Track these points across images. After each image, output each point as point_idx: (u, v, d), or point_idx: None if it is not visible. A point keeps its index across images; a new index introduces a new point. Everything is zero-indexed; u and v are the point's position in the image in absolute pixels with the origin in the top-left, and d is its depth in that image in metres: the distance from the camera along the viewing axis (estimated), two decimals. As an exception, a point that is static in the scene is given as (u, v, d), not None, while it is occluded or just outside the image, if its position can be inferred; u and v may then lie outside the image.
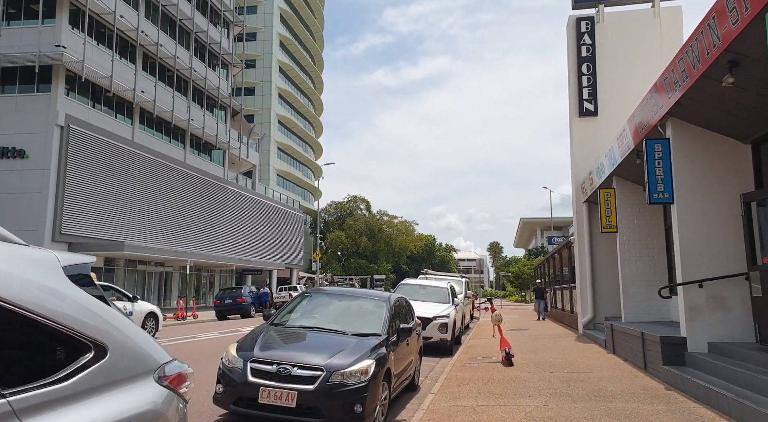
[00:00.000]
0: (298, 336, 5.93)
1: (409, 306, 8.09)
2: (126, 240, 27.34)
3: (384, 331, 6.15)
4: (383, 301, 6.76)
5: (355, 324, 6.32)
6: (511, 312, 31.08)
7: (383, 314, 6.46)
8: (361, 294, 7.16)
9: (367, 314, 6.63)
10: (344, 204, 69.56)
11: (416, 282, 14.45)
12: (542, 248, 64.51)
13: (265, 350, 5.33)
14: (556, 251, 22.08)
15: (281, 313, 6.58)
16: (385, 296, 6.94)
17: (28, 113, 25.39)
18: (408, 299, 13.28)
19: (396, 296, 7.21)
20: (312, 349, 5.45)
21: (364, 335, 5.96)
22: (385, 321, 6.31)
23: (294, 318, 6.52)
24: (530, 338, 14.57)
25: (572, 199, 15.95)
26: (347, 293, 7.25)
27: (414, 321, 8.07)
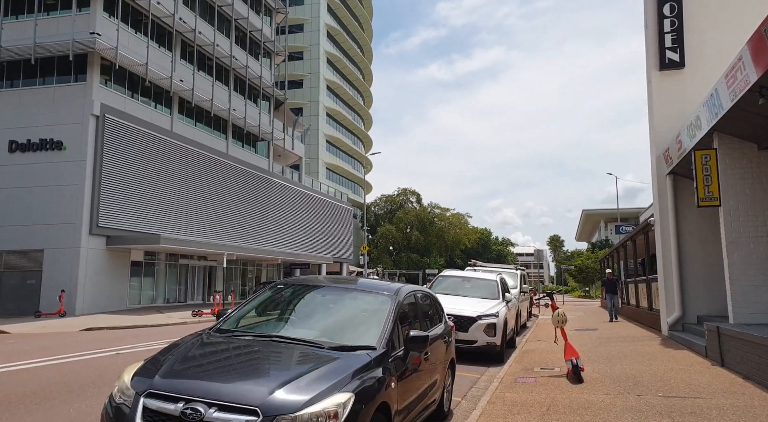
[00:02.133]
0: (241, 352, 3.86)
1: (434, 304, 5.88)
2: (162, 233, 26.48)
3: (382, 343, 3.99)
4: (388, 297, 4.59)
5: (340, 332, 4.22)
6: (575, 309, 27.97)
7: (385, 316, 4.29)
8: (358, 286, 4.97)
9: (362, 316, 4.52)
10: (394, 197, 67.59)
11: (459, 274, 12.12)
12: (607, 240, 59.99)
13: (173, 376, 3.29)
14: (628, 239, 19.00)
15: (235, 313, 4.54)
16: (393, 289, 4.75)
17: (64, 103, 24.95)
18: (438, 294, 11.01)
19: (409, 290, 5.01)
20: (252, 375, 3.36)
21: (350, 348, 3.82)
22: (385, 328, 4.15)
23: (251, 321, 4.48)
24: (601, 341, 11.92)
25: (651, 172, 13.09)
26: (338, 284, 5.05)
27: (443, 325, 5.86)
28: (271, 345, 3.82)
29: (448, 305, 9.89)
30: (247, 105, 36.91)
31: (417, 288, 5.40)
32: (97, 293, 24.25)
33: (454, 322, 9.53)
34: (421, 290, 5.61)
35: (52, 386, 6.85)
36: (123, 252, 26.09)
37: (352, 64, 73.65)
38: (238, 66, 36.13)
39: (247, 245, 33.89)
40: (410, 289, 5.10)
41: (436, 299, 6.03)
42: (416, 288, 5.35)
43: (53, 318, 21.39)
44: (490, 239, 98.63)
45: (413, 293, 5.14)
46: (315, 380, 3.26)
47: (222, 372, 3.34)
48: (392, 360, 3.98)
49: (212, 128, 34.81)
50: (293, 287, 5.02)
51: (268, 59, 41.89)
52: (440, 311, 6.05)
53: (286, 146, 43.21)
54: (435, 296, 6.01)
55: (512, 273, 16.03)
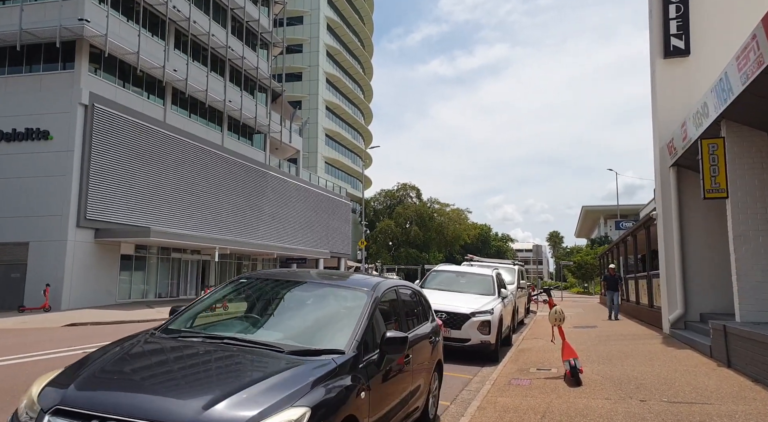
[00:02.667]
0: (183, 357, 3.30)
1: (420, 300, 5.36)
2: (153, 226, 25.94)
3: (352, 345, 3.47)
4: (364, 293, 4.07)
5: (306, 333, 3.72)
6: (574, 305, 27.52)
7: (358, 315, 3.78)
8: (332, 281, 4.40)
9: (333, 314, 4.01)
10: (394, 192, 67.06)
11: (453, 269, 11.59)
12: (606, 237, 59.54)
13: (90, 387, 2.73)
14: (629, 234, 18.49)
15: (189, 310, 4.02)
16: (370, 284, 4.23)
17: (51, 92, 24.35)
18: (431, 290, 10.50)
19: (389, 286, 4.50)
20: (188, 386, 2.81)
21: (314, 353, 3.31)
22: (358, 328, 3.64)
23: (207, 321, 3.97)
24: (600, 339, 11.44)
25: (654, 164, 12.56)
26: (309, 278, 4.48)
27: (430, 323, 5.36)
28: (221, 349, 3.30)
29: (441, 301, 9.41)
30: (243, 97, 36.29)
31: (399, 283, 4.87)
32: (84, 287, 23.74)
33: (446, 319, 9.05)
34: (405, 285, 5.09)
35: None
36: (112, 246, 25.57)
37: (353, 57, 72.89)
38: (234, 57, 35.50)
39: (241, 239, 33.38)
40: (390, 284, 4.58)
41: (423, 295, 5.52)
42: (398, 283, 4.83)
43: (38, 312, 20.91)
44: (489, 235, 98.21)
45: (394, 288, 4.61)
46: (265, 391, 2.75)
47: (152, 383, 2.80)
48: (364, 365, 3.47)
49: (207, 119, 34.21)
50: (259, 281, 4.50)
51: (266, 51, 41.22)
52: (427, 308, 5.55)
53: (284, 139, 42.62)
54: (421, 292, 5.50)
55: (509, 268, 15.52)
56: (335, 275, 4.77)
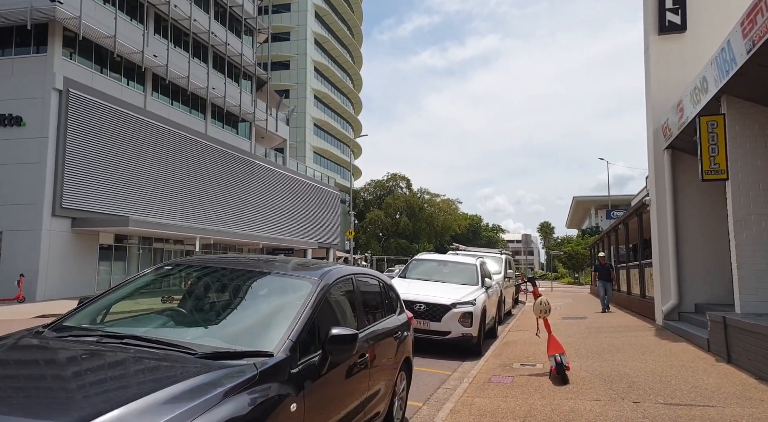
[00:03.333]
0: (64, 363, 2.59)
1: (385, 291, 4.70)
2: (131, 215, 25.11)
3: (284, 346, 2.80)
4: (309, 282, 3.39)
5: (232, 331, 3.04)
6: (564, 295, 27.09)
7: (297, 309, 3.11)
8: (274, 268, 3.69)
9: (268, 308, 3.32)
10: (384, 182, 66.30)
11: (435, 258, 10.92)
12: (597, 227, 59.34)
13: None
14: (620, 222, 17.95)
15: (96, 303, 3.34)
16: (319, 272, 3.54)
17: (24, 76, 23.35)
18: (412, 280, 9.87)
19: (343, 274, 3.82)
20: (53, 401, 2.10)
21: (232, 355, 2.64)
22: (294, 325, 2.96)
23: (117, 317, 3.30)
24: (590, 331, 10.88)
25: (648, 147, 11.96)
26: (248, 266, 3.71)
27: (397, 316, 4.71)
28: (113, 352, 2.62)
29: (420, 291, 8.79)
30: (227, 84, 35.34)
31: (357, 271, 4.19)
32: (61, 278, 22.92)
33: (425, 310, 8.44)
34: (366, 274, 4.41)
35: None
36: (90, 235, 24.72)
37: (341, 46, 71.75)
38: (218, 43, 34.49)
39: (225, 229, 32.60)
40: (345, 272, 3.89)
41: (389, 284, 4.86)
42: (355, 271, 4.15)
43: (11, 303, 20.11)
44: (480, 226, 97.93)
45: (350, 277, 3.93)
46: (152, 408, 2.08)
47: (5, 399, 2.13)
48: (300, 370, 2.81)
49: (190, 107, 33.27)
50: (188, 268, 3.82)
51: (250, 37, 40.19)
52: (394, 299, 4.89)
53: (270, 128, 41.72)
54: (387, 282, 4.83)
55: (496, 258, 14.91)
56: (282, 262, 4.10)
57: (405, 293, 8.78)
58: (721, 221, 10.39)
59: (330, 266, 3.92)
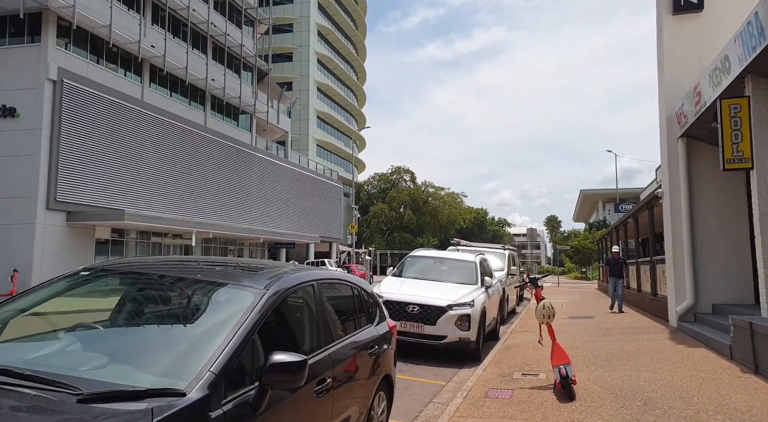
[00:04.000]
0: None
1: (360, 297, 4.04)
2: (127, 208, 24.60)
3: (203, 381, 2.12)
4: (251, 292, 2.71)
5: (134, 361, 2.35)
6: (571, 292, 26.37)
7: (229, 329, 2.45)
8: (211, 274, 3.05)
9: (192, 328, 2.63)
10: (387, 176, 65.60)
11: (431, 254, 10.21)
12: (604, 221, 58.42)
13: None
14: (629, 216, 17.19)
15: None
16: (266, 279, 2.84)
17: (18, 66, 22.83)
18: (406, 279, 9.24)
19: (301, 280, 3.12)
20: None
21: (129, 396, 2.00)
22: (220, 352, 2.28)
23: (12, 334, 2.68)
24: (599, 333, 10.20)
25: (660, 136, 11.21)
26: (181, 271, 3.07)
27: (375, 327, 4.06)
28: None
29: (413, 292, 8.14)
30: (226, 75, 34.69)
31: (322, 276, 3.49)
32: (55, 272, 22.20)
33: (419, 313, 7.79)
34: (334, 278, 3.75)
35: None
36: (86, 229, 24.25)
37: (345, 37, 70.82)
38: (217, 33, 33.83)
39: (224, 223, 32.07)
40: (304, 278, 3.20)
41: (366, 290, 4.20)
42: (319, 276, 3.46)
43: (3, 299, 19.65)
44: (486, 219, 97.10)
45: (310, 284, 3.24)
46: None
47: None
48: (225, 412, 2.15)
49: (189, 98, 32.68)
50: (108, 274, 3.18)
51: (251, 28, 39.47)
52: (372, 307, 4.23)
53: (271, 120, 41.08)
54: (363, 287, 4.17)
55: (499, 253, 14.22)
56: (226, 266, 3.44)
57: (397, 293, 8.13)
58: (741, 215, 9.67)
59: (285, 270, 3.27)
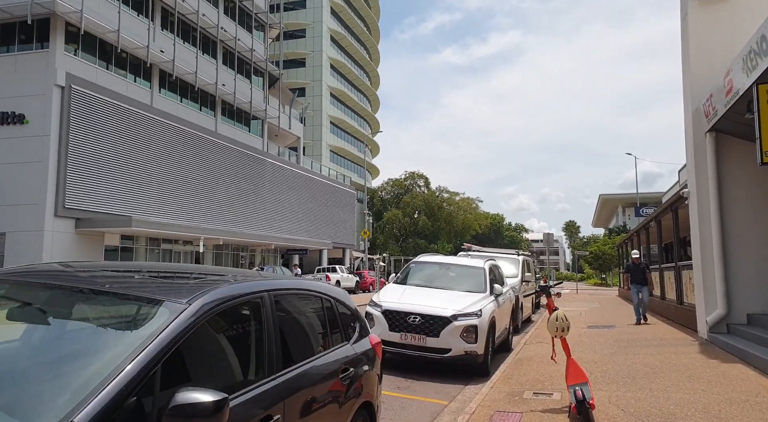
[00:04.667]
0: None
1: (332, 312, 3.38)
2: (135, 215, 24.34)
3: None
4: (166, 307, 2.09)
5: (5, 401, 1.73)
6: (590, 299, 25.36)
7: (118, 362, 1.80)
8: (122, 285, 2.40)
9: (84, 355, 1.97)
10: (401, 181, 64.85)
11: (436, 260, 9.46)
12: (624, 226, 56.99)
13: None
14: (652, 219, 16.27)
15: None
16: (188, 293, 2.20)
17: (27, 73, 22.80)
18: (410, 286, 8.56)
19: (239, 293, 2.44)
20: None
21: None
22: (97, 395, 1.66)
23: None
24: (620, 345, 9.39)
25: (686, 132, 10.38)
26: (83, 281, 2.42)
27: (351, 345, 3.42)
28: None
29: (415, 300, 7.46)
30: (237, 80, 34.49)
31: (277, 286, 2.83)
32: (63, 280, 22.19)
33: (420, 324, 7.10)
34: (296, 289, 3.09)
35: None
36: (95, 236, 24.04)
37: (358, 42, 70.59)
38: (227, 38, 33.67)
39: (235, 229, 31.71)
40: (250, 289, 2.54)
41: (342, 301, 3.54)
42: (273, 286, 2.78)
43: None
44: (502, 225, 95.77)
45: (258, 296, 2.55)
46: None
47: None
48: None
49: (199, 104, 32.51)
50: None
51: (262, 32, 39.30)
52: (349, 321, 3.57)
53: (282, 125, 40.77)
54: (338, 298, 3.50)
55: (512, 259, 13.45)
56: (148, 273, 2.81)
57: (397, 302, 7.46)
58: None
59: (226, 280, 2.63)
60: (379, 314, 7.39)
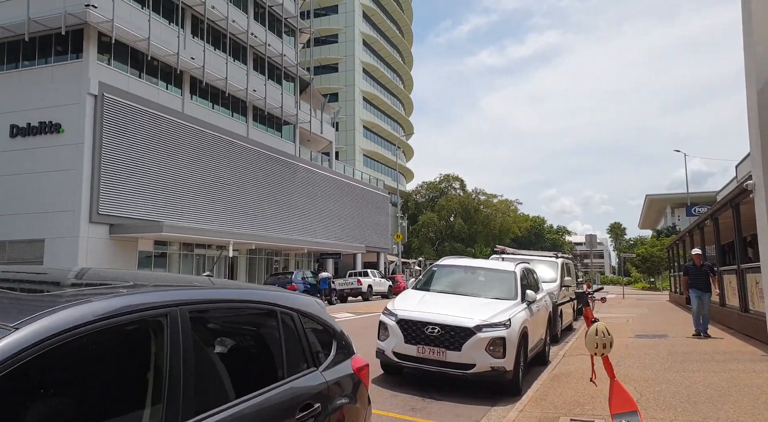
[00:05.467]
0: None
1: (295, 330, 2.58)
2: (168, 220, 24.40)
3: None
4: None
5: None
6: (638, 304, 23.74)
7: None
8: None
9: None
10: (436, 184, 63.82)
11: (461, 264, 8.51)
12: (674, 227, 54.05)
13: None
14: (707, 217, 14.82)
15: None
16: (12, 316, 1.45)
17: (62, 82, 23.27)
18: (431, 292, 7.68)
19: (96, 313, 1.58)
20: None
21: None
22: None
23: None
24: (674, 359, 8.25)
25: (749, 116, 9.12)
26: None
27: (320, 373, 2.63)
28: None
29: (435, 309, 6.63)
30: (267, 85, 34.45)
31: (197, 297, 2.04)
32: (98, 286, 22.35)
33: (439, 335, 6.27)
34: (227, 299, 2.29)
35: None
36: (129, 242, 24.22)
37: (391, 46, 70.15)
38: (257, 43, 33.68)
39: (266, 234, 31.52)
40: (142, 303, 1.75)
41: (310, 314, 2.75)
42: (190, 297, 1.99)
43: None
44: (543, 228, 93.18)
45: (162, 314, 1.77)
46: None
47: None
48: None
49: (230, 109, 32.59)
50: None
51: (292, 37, 39.24)
52: (321, 340, 2.76)
53: (314, 130, 40.57)
54: (304, 308, 2.71)
55: (550, 262, 12.37)
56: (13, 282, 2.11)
57: (414, 311, 6.63)
58: None
59: (112, 290, 1.91)
60: (393, 324, 6.58)
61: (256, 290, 2.58)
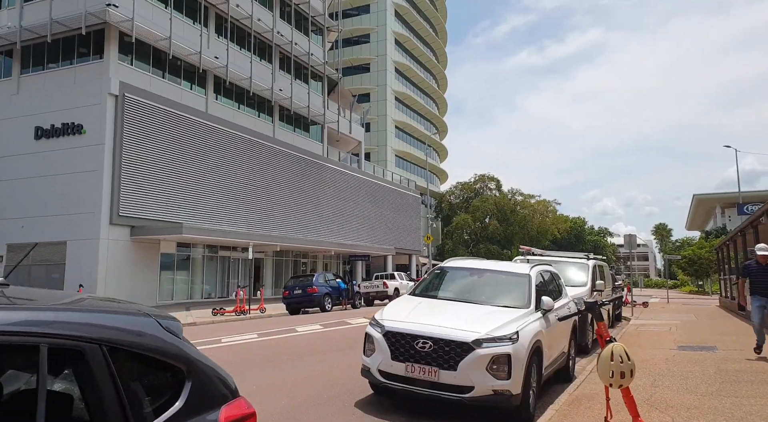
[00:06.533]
0: None
1: (86, 377, 1.63)
2: (185, 222, 24.09)
3: None
4: None
5: None
6: (684, 309, 21.85)
7: None
8: None
9: None
10: (471, 184, 62.12)
11: (466, 265, 7.30)
12: (724, 228, 50.76)
13: None
14: (761, 214, 13.13)
15: None
16: None
17: (84, 83, 23.32)
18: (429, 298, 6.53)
19: None
20: None
21: None
22: None
23: None
24: (724, 378, 6.93)
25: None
26: None
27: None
28: None
29: (427, 319, 5.59)
30: (293, 85, 33.95)
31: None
32: (120, 287, 22.24)
33: (432, 351, 5.22)
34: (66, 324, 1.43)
35: None
36: (151, 244, 24.04)
37: (424, 44, 68.95)
38: (283, 42, 33.25)
39: (292, 236, 30.98)
40: None
41: (122, 341, 1.76)
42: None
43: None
44: (584, 229, 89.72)
45: None
46: None
47: None
48: None
49: (256, 109, 32.25)
50: None
51: (320, 36, 38.71)
52: (136, 388, 1.75)
53: (342, 130, 39.89)
54: (108, 337, 1.73)
55: (581, 264, 11.08)
56: None
57: (403, 322, 5.58)
58: None
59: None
60: (379, 337, 5.56)
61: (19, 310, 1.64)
